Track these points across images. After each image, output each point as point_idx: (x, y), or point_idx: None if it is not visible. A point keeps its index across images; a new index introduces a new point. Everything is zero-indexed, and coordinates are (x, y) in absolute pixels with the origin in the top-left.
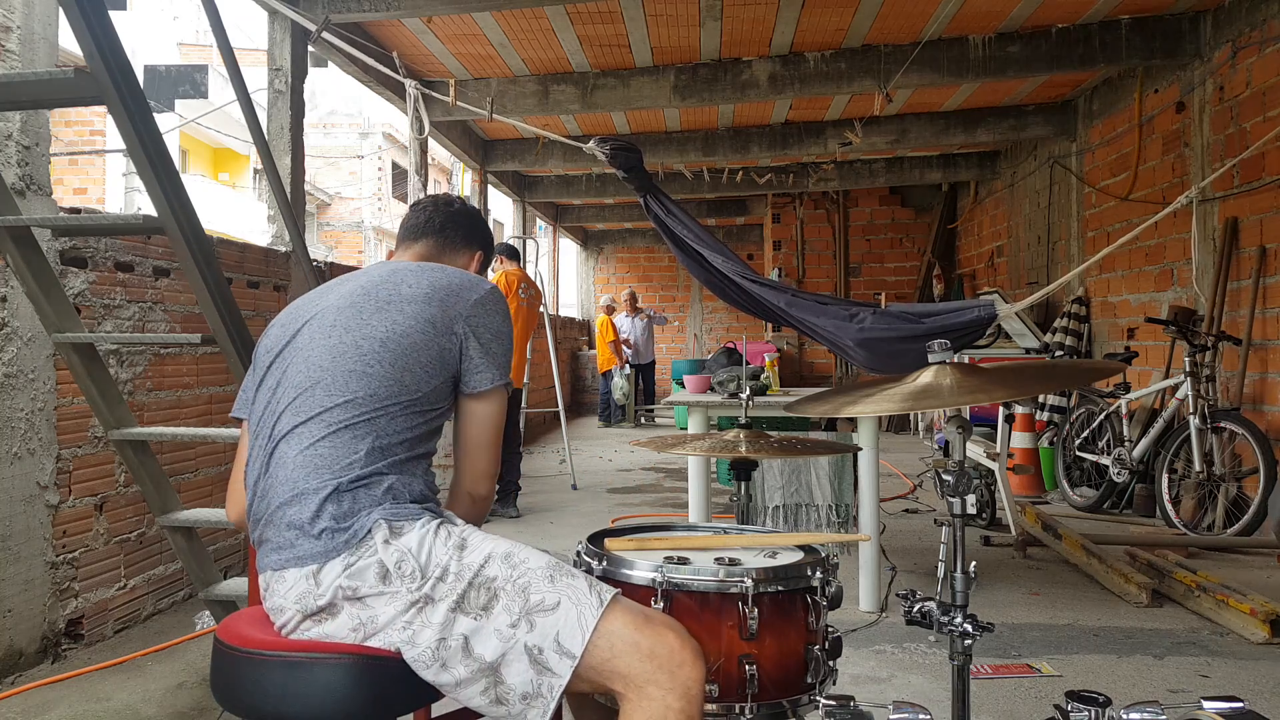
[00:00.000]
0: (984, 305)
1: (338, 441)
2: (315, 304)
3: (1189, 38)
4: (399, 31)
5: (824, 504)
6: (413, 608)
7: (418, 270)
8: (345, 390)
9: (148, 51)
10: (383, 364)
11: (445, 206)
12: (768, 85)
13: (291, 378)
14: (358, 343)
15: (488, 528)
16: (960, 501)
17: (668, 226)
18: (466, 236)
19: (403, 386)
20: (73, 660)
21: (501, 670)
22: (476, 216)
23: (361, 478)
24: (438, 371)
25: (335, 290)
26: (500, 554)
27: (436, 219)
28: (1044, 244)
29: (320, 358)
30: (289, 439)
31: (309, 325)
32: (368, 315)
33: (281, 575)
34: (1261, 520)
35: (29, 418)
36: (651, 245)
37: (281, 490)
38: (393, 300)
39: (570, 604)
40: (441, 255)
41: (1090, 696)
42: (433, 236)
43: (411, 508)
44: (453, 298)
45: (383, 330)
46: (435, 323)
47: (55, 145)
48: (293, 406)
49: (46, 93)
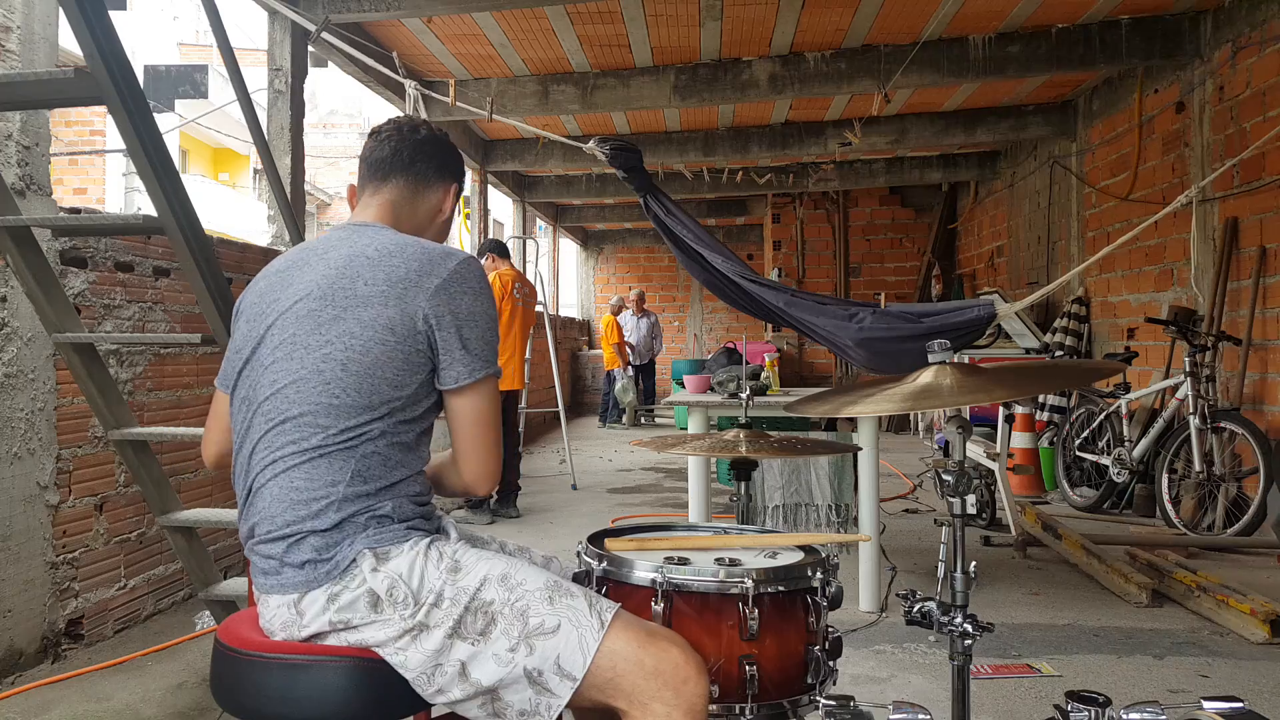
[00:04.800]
0: (984, 305)
1: (314, 473)
2: (277, 298)
3: (1189, 38)
4: (399, 31)
5: (824, 504)
6: (406, 635)
7: (374, 260)
8: (315, 424)
9: (148, 51)
10: (348, 391)
11: (411, 134)
12: (768, 85)
13: (260, 403)
14: (319, 367)
15: (491, 530)
16: (960, 501)
17: (667, 227)
18: (439, 168)
19: (374, 406)
20: (73, 660)
21: (500, 692)
22: (446, 142)
23: (344, 510)
24: (410, 376)
25: (296, 281)
26: (496, 576)
27: (405, 151)
28: (1044, 244)
29: (285, 387)
30: (266, 472)
31: (271, 333)
32: (325, 328)
33: (266, 600)
34: (1261, 520)
35: (29, 418)
36: (651, 245)
37: (263, 524)
38: (349, 305)
39: (571, 626)
40: (415, 196)
41: (1090, 696)
42: (401, 174)
43: (397, 529)
44: (411, 290)
45: (342, 350)
46: (395, 328)
47: (55, 145)
48: (265, 439)
49: (46, 93)
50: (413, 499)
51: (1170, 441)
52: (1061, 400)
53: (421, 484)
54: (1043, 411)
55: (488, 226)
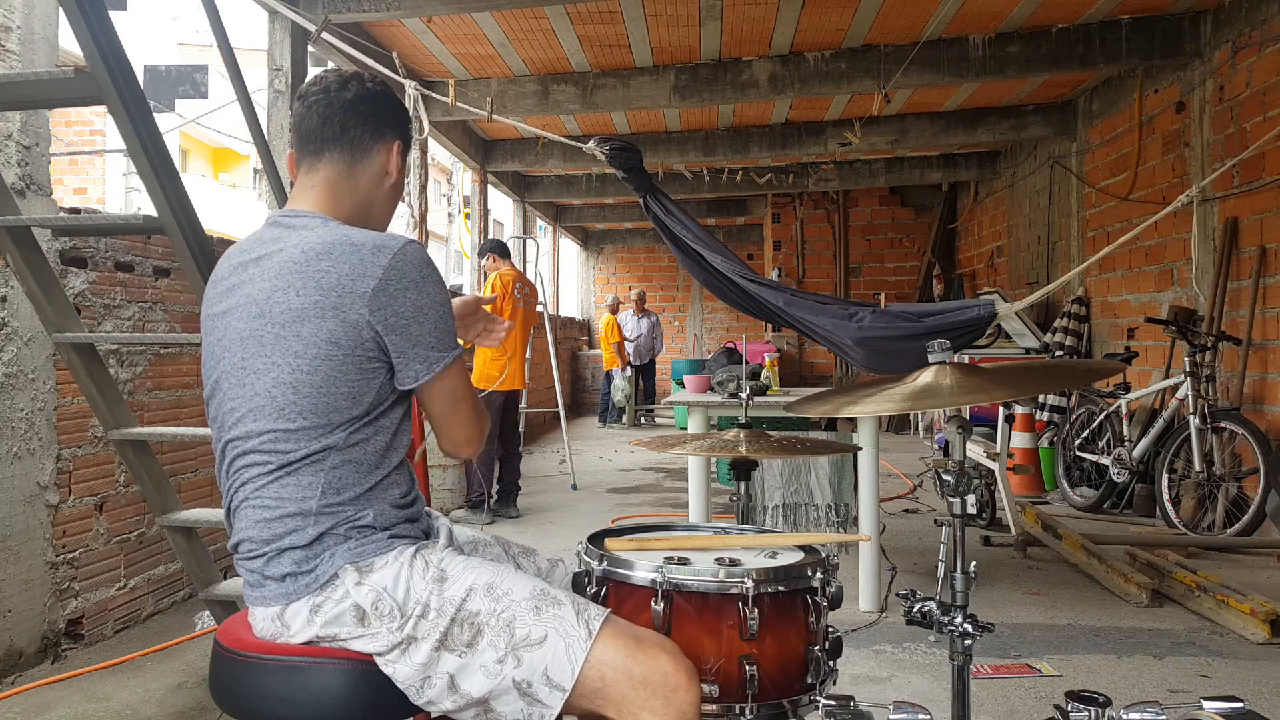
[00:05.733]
0: (983, 305)
1: (285, 495)
2: (226, 314)
3: (1189, 38)
4: (399, 31)
5: (824, 504)
6: (395, 648)
7: (301, 266)
8: (279, 448)
9: (148, 51)
10: (304, 414)
11: (339, 93)
12: (768, 85)
13: (226, 430)
14: (270, 393)
15: (491, 530)
16: (960, 501)
17: (667, 227)
18: (376, 127)
19: (334, 423)
20: (73, 660)
21: (490, 703)
22: (382, 96)
23: (321, 524)
24: (367, 384)
25: (240, 292)
26: (482, 585)
27: (334, 117)
28: (1044, 244)
29: (242, 415)
30: (240, 492)
31: (226, 357)
32: (269, 349)
33: (253, 611)
34: (1261, 520)
35: (29, 418)
36: (651, 245)
37: (245, 543)
38: (287, 320)
39: (558, 636)
40: (353, 167)
41: (1090, 696)
42: (335, 145)
43: (380, 539)
44: (346, 299)
45: (289, 371)
46: (339, 341)
47: (55, 145)
48: (235, 464)
49: (46, 93)
50: (394, 504)
51: (1170, 441)
52: (1061, 400)
53: (403, 485)
54: (1043, 411)
55: (488, 226)
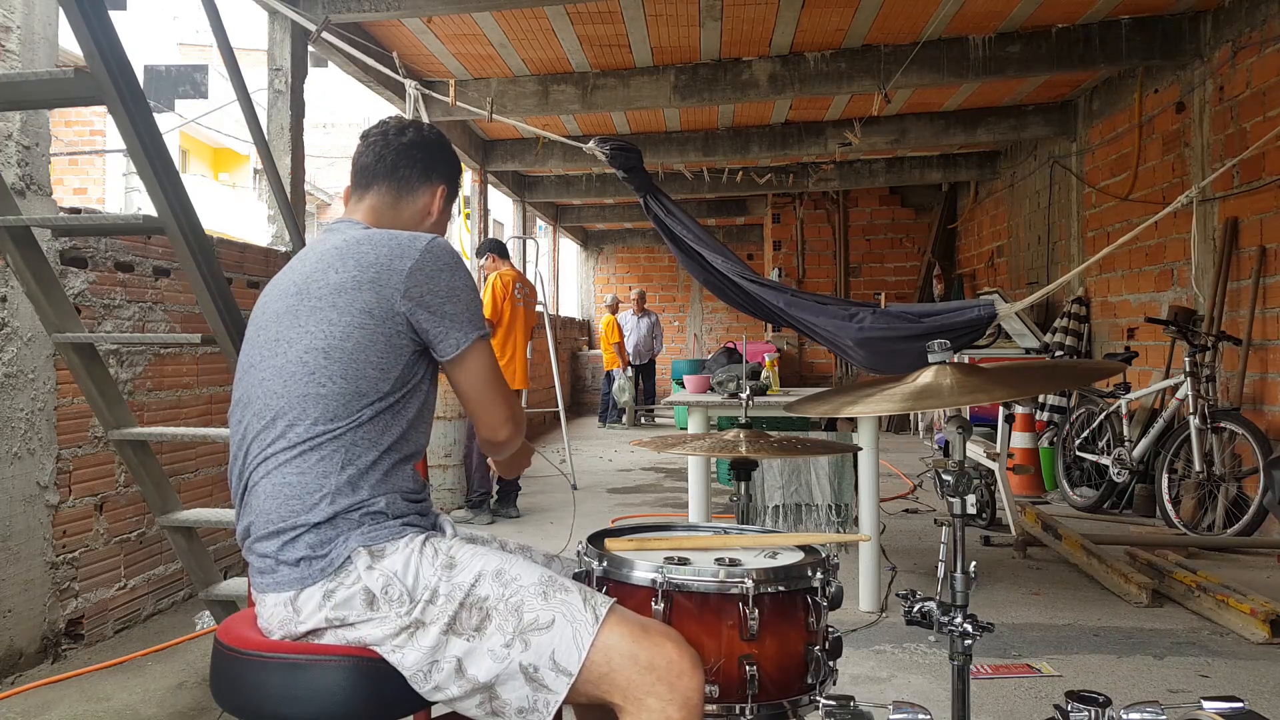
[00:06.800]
0: (984, 305)
1: (306, 469)
2: (266, 304)
3: (1189, 38)
4: (399, 31)
5: (824, 504)
6: (403, 632)
7: (342, 250)
8: (305, 416)
9: (148, 51)
10: (333, 379)
11: (396, 138)
12: (768, 85)
13: (253, 404)
14: (303, 358)
15: (491, 530)
16: (960, 501)
17: (667, 227)
18: (424, 171)
19: (361, 393)
20: (73, 660)
21: (496, 688)
22: (435, 144)
23: (337, 504)
24: (395, 359)
25: (280, 285)
26: (491, 571)
27: (388, 157)
28: (1044, 244)
29: (272, 383)
30: (260, 469)
31: (259, 335)
32: (304, 320)
33: (263, 598)
34: (1262, 520)
35: (29, 418)
36: (651, 245)
37: (259, 523)
38: (324, 294)
39: (565, 621)
40: (398, 202)
41: (1090, 696)
42: (384, 181)
43: (392, 525)
44: (384, 275)
45: (323, 338)
46: (373, 311)
47: (55, 145)
48: (259, 438)
49: (46, 93)
50: (406, 495)
51: (1170, 441)
52: (1061, 400)
53: (415, 480)
54: (1043, 411)
55: (488, 226)
